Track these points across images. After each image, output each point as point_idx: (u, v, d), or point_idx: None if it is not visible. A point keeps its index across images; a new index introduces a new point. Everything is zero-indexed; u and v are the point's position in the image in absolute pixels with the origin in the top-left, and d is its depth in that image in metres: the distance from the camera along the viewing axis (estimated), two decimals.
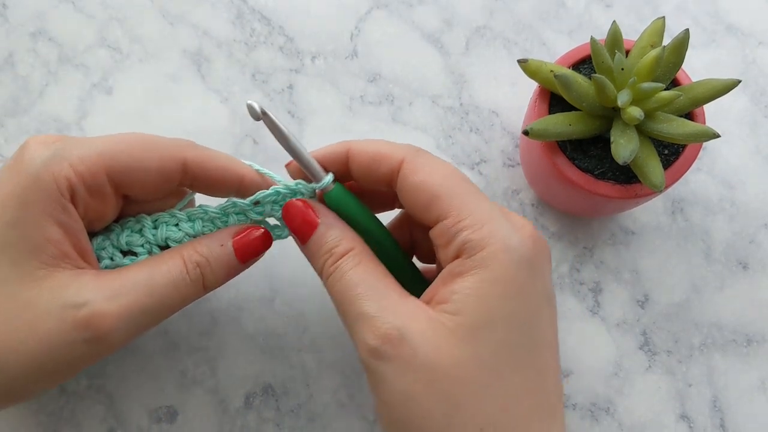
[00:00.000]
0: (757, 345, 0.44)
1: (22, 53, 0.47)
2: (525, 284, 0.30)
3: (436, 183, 0.31)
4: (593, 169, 0.39)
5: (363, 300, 0.31)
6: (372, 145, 0.34)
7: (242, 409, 0.42)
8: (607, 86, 0.36)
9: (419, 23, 0.49)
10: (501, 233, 0.30)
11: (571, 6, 0.49)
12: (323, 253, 0.33)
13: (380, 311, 0.30)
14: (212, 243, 0.33)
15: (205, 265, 0.33)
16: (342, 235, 0.33)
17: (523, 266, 0.30)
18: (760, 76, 0.48)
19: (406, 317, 0.30)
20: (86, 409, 0.42)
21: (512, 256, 0.30)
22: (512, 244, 0.30)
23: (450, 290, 0.30)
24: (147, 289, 0.31)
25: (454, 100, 0.47)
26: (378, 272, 0.32)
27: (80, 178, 0.31)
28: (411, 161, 0.32)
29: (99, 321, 0.30)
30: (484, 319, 0.29)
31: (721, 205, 0.46)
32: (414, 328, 0.29)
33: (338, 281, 0.32)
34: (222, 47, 0.48)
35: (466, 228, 0.30)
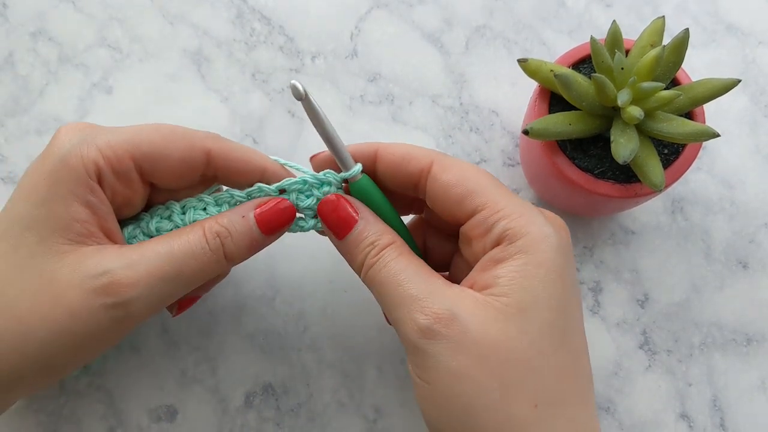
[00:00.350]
0: (757, 344, 0.44)
1: (22, 53, 0.47)
2: (563, 269, 0.31)
3: (469, 179, 0.33)
4: (593, 168, 0.39)
5: (410, 284, 0.32)
6: (401, 147, 0.35)
7: (242, 408, 0.42)
8: (607, 86, 0.36)
9: (419, 23, 0.49)
10: (538, 222, 0.32)
11: (571, 6, 0.49)
12: (365, 246, 0.33)
13: (429, 294, 0.31)
14: (234, 214, 0.34)
15: (225, 235, 0.33)
16: (383, 230, 0.34)
17: (560, 253, 0.31)
18: (760, 75, 0.48)
19: (455, 299, 0.31)
20: (86, 408, 0.42)
21: (551, 243, 0.31)
22: (549, 233, 0.31)
23: (493, 275, 0.31)
24: (166, 257, 0.32)
25: (454, 99, 0.47)
26: (420, 262, 0.33)
27: (108, 162, 0.32)
28: (441, 161, 0.34)
29: (118, 288, 0.30)
30: (530, 300, 0.30)
31: (721, 204, 0.46)
32: (464, 308, 0.30)
33: (382, 269, 0.33)
34: (222, 47, 0.48)
35: (505, 217, 0.31)
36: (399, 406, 0.43)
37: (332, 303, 0.44)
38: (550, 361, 0.30)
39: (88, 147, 0.32)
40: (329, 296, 0.44)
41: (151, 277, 0.31)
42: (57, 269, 0.31)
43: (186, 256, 0.32)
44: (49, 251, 0.31)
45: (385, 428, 0.42)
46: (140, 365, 0.43)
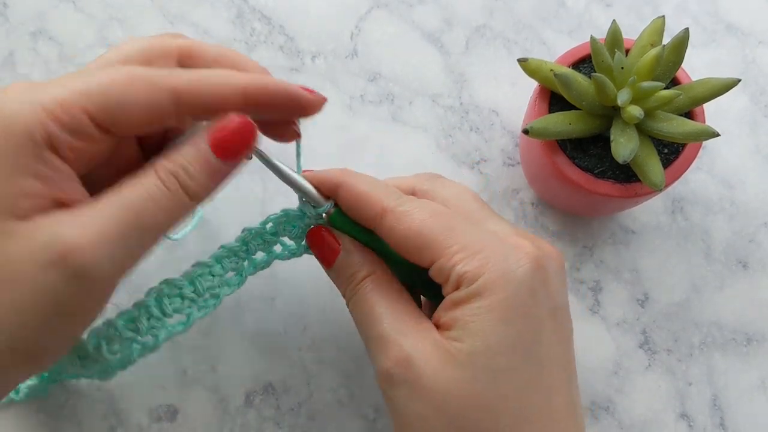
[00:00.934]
0: (757, 344, 0.44)
1: (22, 52, 0.47)
2: (524, 306, 0.30)
3: (420, 229, 0.32)
4: (593, 168, 0.39)
5: (380, 323, 0.32)
6: (362, 185, 0.34)
7: (242, 407, 0.42)
8: (607, 85, 0.36)
9: (419, 23, 0.49)
10: (495, 258, 0.31)
11: (571, 5, 0.49)
12: (346, 278, 0.34)
13: (395, 335, 0.31)
14: (187, 148, 0.30)
15: (181, 173, 0.30)
16: (362, 260, 0.34)
17: (521, 288, 0.30)
18: (760, 75, 0.48)
19: (416, 341, 0.31)
20: (87, 407, 0.42)
21: (508, 280, 0.30)
22: (508, 268, 0.31)
23: (452, 317, 0.31)
24: (122, 210, 0.28)
25: (454, 99, 0.47)
26: (395, 294, 0.33)
27: (57, 122, 0.28)
28: (393, 210, 0.33)
29: (74, 254, 0.27)
30: (482, 345, 0.30)
31: (721, 204, 0.46)
32: (421, 351, 0.30)
33: (358, 303, 0.33)
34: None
35: (459, 262, 0.31)
36: None
37: (332, 303, 0.44)
38: (510, 404, 0.30)
39: (32, 111, 0.28)
40: (329, 296, 0.44)
41: (108, 234, 0.28)
42: (8, 250, 0.28)
43: (144, 202, 0.29)
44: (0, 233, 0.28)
45: (385, 428, 0.42)
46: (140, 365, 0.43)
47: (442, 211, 0.33)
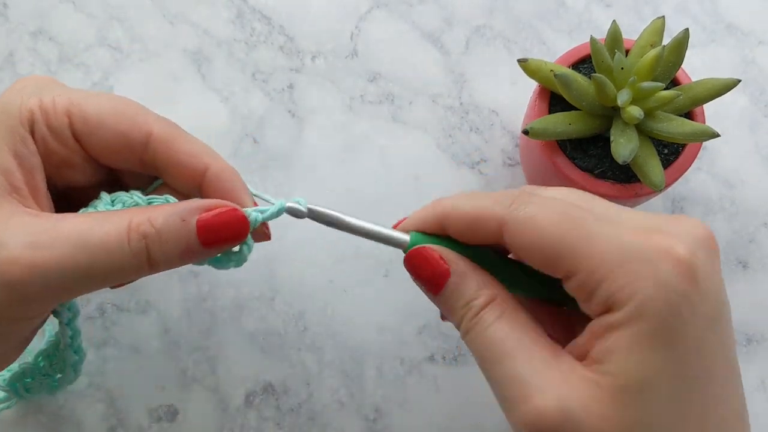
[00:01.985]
0: (757, 344, 0.44)
1: (22, 52, 0.47)
2: (685, 323, 0.26)
3: (548, 239, 0.27)
4: (593, 168, 0.39)
5: (512, 360, 0.27)
6: (465, 205, 0.29)
7: (242, 407, 0.42)
8: (607, 85, 0.36)
9: (419, 23, 0.49)
10: (645, 272, 0.26)
11: (571, 5, 0.49)
12: (461, 307, 0.29)
13: (533, 375, 0.26)
14: (173, 215, 0.28)
15: (154, 238, 0.28)
16: (480, 284, 0.29)
17: (680, 303, 0.26)
18: (760, 75, 0.48)
19: (565, 386, 0.26)
20: (87, 408, 0.42)
21: (665, 297, 0.25)
22: (661, 281, 0.26)
23: (605, 348, 0.26)
24: (77, 248, 0.27)
25: (454, 99, 0.47)
26: (525, 325, 0.28)
27: (43, 112, 0.30)
28: (511, 222, 0.28)
29: (13, 268, 0.27)
30: (649, 378, 0.26)
31: (721, 204, 0.46)
32: (575, 399, 0.26)
33: (479, 335, 0.28)
34: (222, 46, 0.48)
35: (603, 279, 0.26)
36: (399, 406, 0.43)
37: (332, 303, 0.44)
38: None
39: (30, 97, 0.30)
40: (329, 296, 0.44)
41: (50, 265, 0.27)
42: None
43: (99, 252, 0.27)
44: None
45: (385, 428, 0.42)
46: (140, 365, 0.43)
47: (569, 211, 0.27)
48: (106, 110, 0.31)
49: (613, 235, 0.27)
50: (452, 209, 0.30)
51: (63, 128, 0.30)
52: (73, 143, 0.31)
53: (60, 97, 0.30)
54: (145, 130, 0.31)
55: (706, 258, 0.27)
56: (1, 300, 0.27)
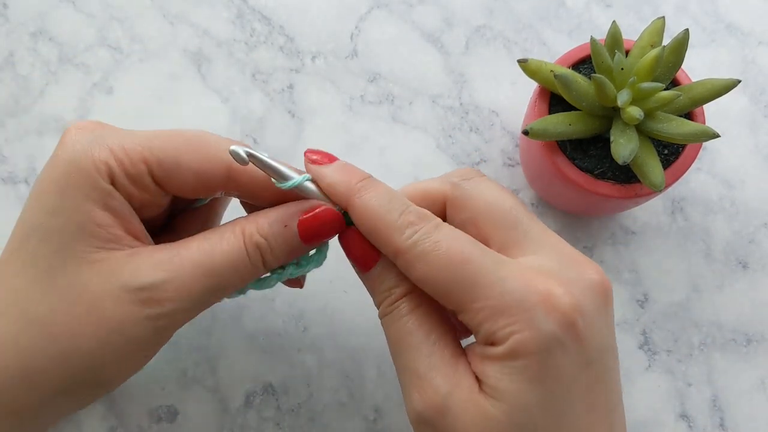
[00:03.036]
0: (756, 344, 0.44)
1: (22, 53, 0.47)
2: (556, 365, 0.28)
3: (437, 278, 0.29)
4: (593, 168, 0.39)
5: (415, 353, 0.30)
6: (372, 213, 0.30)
7: (242, 408, 0.42)
8: (607, 86, 0.36)
9: (419, 23, 0.49)
10: (522, 317, 0.28)
11: (571, 6, 0.49)
12: (383, 290, 0.31)
13: (429, 370, 0.29)
14: (276, 222, 0.31)
15: (266, 248, 0.31)
16: (401, 275, 0.31)
17: (552, 346, 0.28)
18: (760, 75, 0.48)
19: (453, 385, 0.29)
20: (87, 408, 0.42)
21: (538, 341, 0.28)
22: (536, 327, 0.28)
23: (483, 371, 0.29)
24: (208, 270, 0.30)
25: (454, 99, 0.47)
26: (434, 320, 0.30)
27: (120, 164, 0.30)
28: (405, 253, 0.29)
29: (159, 306, 0.29)
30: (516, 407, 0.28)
31: (721, 204, 0.46)
32: (458, 400, 0.28)
33: (392, 324, 0.31)
34: (222, 47, 0.48)
35: (484, 321, 0.28)
36: (399, 406, 0.43)
37: (332, 303, 0.44)
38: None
39: (99, 148, 0.30)
40: (329, 296, 0.44)
41: (192, 291, 0.29)
42: (88, 280, 0.29)
43: (227, 269, 0.30)
44: (73, 262, 0.29)
45: (385, 428, 0.42)
46: None
47: (461, 251, 0.29)
48: (181, 150, 0.31)
49: (499, 278, 0.28)
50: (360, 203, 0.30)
51: (143, 176, 0.30)
52: (154, 188, 0.31)
53: (131, 144, 0.30)
54: (223, 165, 0.31)
55: (592, 305, 0.29)
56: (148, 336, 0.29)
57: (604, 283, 0.30)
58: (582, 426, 0.29)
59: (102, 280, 0.29)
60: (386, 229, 0.30)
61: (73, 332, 0.29)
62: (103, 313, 0.29)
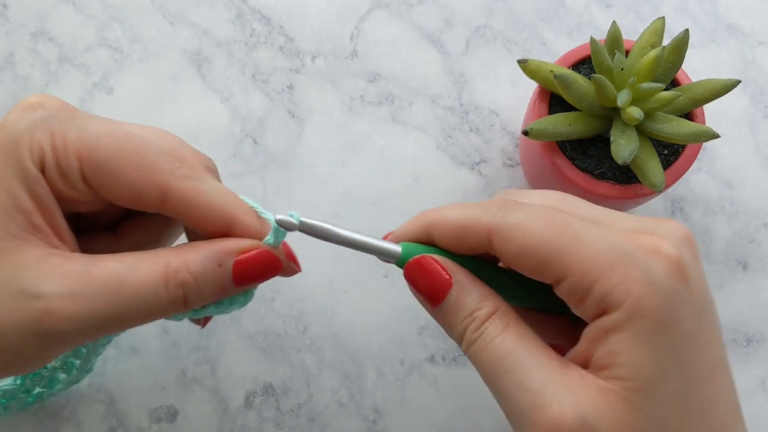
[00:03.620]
0: (756, 344, 0.44)
1: (22, 53, 0.47)
2: (680, 319, 0.26)
3: (537, 244, 0.27)
4: (593, 169, 0.39)
5: (521, 371, 0.26)
6: (451, 216, 0.29)
7: (242, 408, 0.42)
8: (607, 86, 0.36)
9: (419, 23, 0.49)
10: (637, 271, 0.26)
11: (571, 6, 0.49)
12: (463, 318, 0.28)
13: (546, 385, 0.26)
14: (209, 259, 0.28)
15: (192, 287, 0.28)
16: (482, 295, 0.28)
17: (673, 299, 0.26)
18: (760, 76, 0.48)
19: (578, 395, 0.26)
20: (86, 409, 0.42)
21: (660, 295, 0.26)
22: (654, 280, 0.26)
23: (609, 352, 0.26)
24: (114, 297, 0.27)
25: (454, 100, 0.47)
26: (530, 336, 0.28)
27: (53, 151, 0.28)
28: (499, 230, 0.27)
29: (51, 319, 0.26)
30: (657, 376, 0.26)
31: (721, 204, 0.46)
32: (590, 407, 0.25)
33: (485, 348, 0.27)
34: (222, 47, 0.48)
35: (596, 281, 0.26)
36: (399, 406, 0.43)
37: (332, 303, 0.44)
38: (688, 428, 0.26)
39: (42, 129, 0.28)
40: (329, 296, 0.44)
41: (89, 315, 0.27)
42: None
43: (135, 301, 0.27)
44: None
45: (385, 428, 0.42)
46: (140, 366, 0.43)
47: (556, 215, 0.27)
48: (121, 158, 0.28)
49: (601, 237, 0.26)
50: (439, 219, 0.29)
51: (72, 171, 0.28)
52: (82, 186, 0.29)
53: (72, 135, 0.28)
54: (160, 187, 0.28)
55: (691, 256, 0.27)
56: (32, 345, 0.27)
57: (691, 235, 0.28)
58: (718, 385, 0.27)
59: (5, 275, 0.27)
60: (471, 218, 0.28)
61: None
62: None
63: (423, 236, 0.30)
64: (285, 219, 0.28)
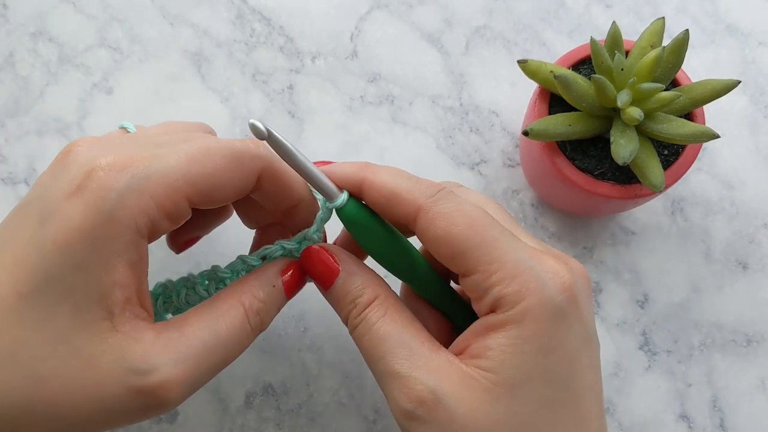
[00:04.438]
0: (756, 345, 0.44)
1: (22, 53, 0.47)
2: (561, 336, 0.29)
3: (458, 235, 0.29)
4: (593, 169, 0.39)
5: (393, 357, 0.29)
6: (389, 181, 0.31)
7: (242, 408, 0.42)
8: (607, 86, 0.36)
9: (419, 23, 0.49)
10: (534, 285, 0.28)
11: (571, 6, 0.49)
12: (347, 303, 0.31)
13: (412, 369, 0.29)
14: (265, 285, 0.32)
15: (264, 311, 0.31)
16: (365, 283, 0.31)
17: (559, 318, 0.29)
18: (760, 76, 0.48)
19: (439, 376, 0.29)
20: None
21: (547, 309, 0.28)
22: (546, 296, 0.28)
23: (484, 345, 0.29)
24: (213, 348, 0.29)
25: (454, 100, 0.47)
26: (406, 322, 0.31)
27: (162, 210, 0.28)
28: (428, 210, 0.30)
29: (166, 389, 0.27)
30: (521, 378, 0.28)
31: (721, 204, 0.46)
32: (448, 388, 0.28)
33: (365, 335, 0.31)
34: (222, 47, 0.48)
35: (496, 283, 0.29)
36: None
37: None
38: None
39: (140, 197, 0.27)
40: None
41: (198, 372, 0.29)
42: (96, 353, 0.27)
43: (232, 344, 0.30)
44: (87, 328, 0.27)
45: (385, 428, 0.42)
46: None
47: (482, 217, 0.30)
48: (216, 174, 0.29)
49: (513, 247, 0.29)
50: (375, 179, 0.31)
51: (184, 211, 0.29)
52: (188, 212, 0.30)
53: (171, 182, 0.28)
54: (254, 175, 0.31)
55: (585, 290, 0.30)
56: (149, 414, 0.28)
57: (587, 274, 0.31)
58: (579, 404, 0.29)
59: (111, 359, 0.27)
60: (407, 191, 0.30)
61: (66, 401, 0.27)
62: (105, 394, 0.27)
63: (355, 187, 0.32)
64: (258, 125, 0.29)
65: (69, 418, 0.27)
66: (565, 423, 0.29)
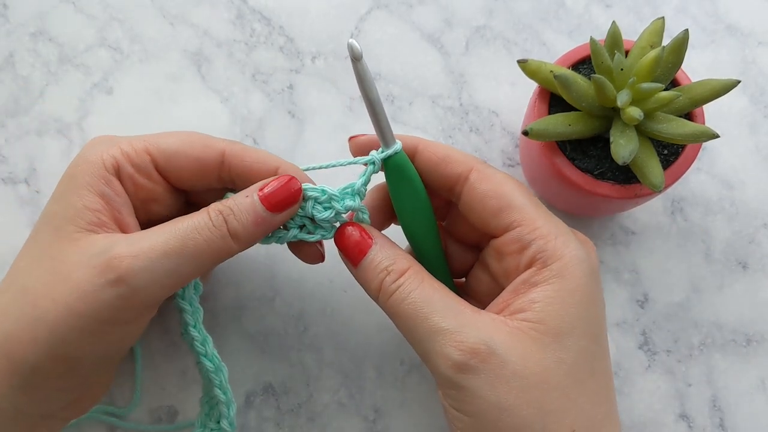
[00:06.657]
0: (756, 344, 0.44)
1: (22, 53, 0.47)
2: (595, 294, 0.32)
3: (507, 192, 0.33)
4: (593, 169, 0.39)
5: (441, 316, 0.31)
6: (441, 148, 0.35)
7: (242, 408, 0.42)
8: (607, 86, 0.36)
9: (419, 23, 0.49)
10: (572, 245, 0.32)
11: (571, 6, 0.49)
12: (380, 272, 0.33)
13: (461, 326, 0.31)
14: (238, 195, 0.34)
15: (228, 212, 0.33)
16: (397, 255, 0.33)
17: (592, 277, 0.32)
18: (760, 76, 0.48)
19: (488, 330, 0.31)
20: None
21: (584, 267, 0.31)
22: (583, 257, 0.32)
23: (528, 299, 0.31)
24: (169, 233, 0.32)
25: (454, 100, 0.47)
26: (444, 289, 0.33)
27: (125, 156, 0.34)
28: (480, 170, 0.34)
29: (119, 261, 0.31)
30: (566, 327, 0.30)
31: (721, 204, 0.46)
32: (498, 339, 0.30)
33: (405, 299, 0.32)
34: (222, 47, 0.48)
35: (541, 237, 0.32)
36: (398, 406, 0.43)
37: (332, 303, 0.44)
38: (585, 387, 0.31)
39: (109, 146, 0.34)
40: (329, 296, 0.44)
41: (152, 250, 0.31)
42: (68, 254, 0.32)
43: (189, 230, 0.32)
44: (61, 238, 0.32)
45: (385, 428, 0.42)
46: (141, 365, 0.43)
47: (524, 186, 0.34)
48: (179, 143, 0.35)
49: (551, 216, 0.33)
50: (429, 143, 0.35)
51: (146, 164, 0.35)
52: (156, 176, 0.35)
53: (136, 141, 0.35)
54: (217, 151, 0.35)
55: (599, 271, 0.34)
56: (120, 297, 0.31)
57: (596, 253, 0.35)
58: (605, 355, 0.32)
59: (78, 252, 0.32)
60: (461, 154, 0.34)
61: (47, 299, 0.31)
62: (72, 282, 0.31)
63: (410, 148, 0.35)
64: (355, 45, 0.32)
65: (50, 313, 0.31)
66: (598, 375, 0.31)
